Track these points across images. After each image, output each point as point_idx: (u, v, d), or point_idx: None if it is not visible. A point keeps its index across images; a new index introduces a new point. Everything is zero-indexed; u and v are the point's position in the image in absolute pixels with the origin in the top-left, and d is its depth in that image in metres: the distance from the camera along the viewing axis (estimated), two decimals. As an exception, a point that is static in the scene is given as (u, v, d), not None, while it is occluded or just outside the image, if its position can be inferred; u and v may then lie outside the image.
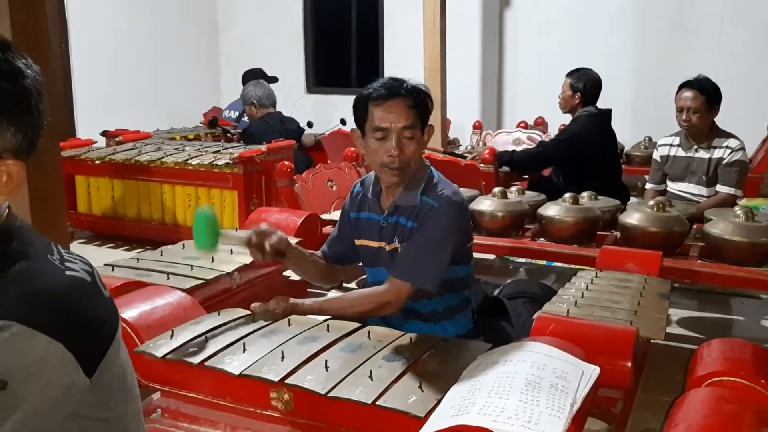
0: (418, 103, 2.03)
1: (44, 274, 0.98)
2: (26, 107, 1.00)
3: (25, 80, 0.99)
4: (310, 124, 5.71)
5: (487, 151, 4.29)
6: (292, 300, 2.11)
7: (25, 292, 0.94)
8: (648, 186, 4.08)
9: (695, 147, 3.76)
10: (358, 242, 2.25)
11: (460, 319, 2.21)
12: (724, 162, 3.66)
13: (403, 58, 6.60)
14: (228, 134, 5.87)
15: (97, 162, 4.66)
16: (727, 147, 3.67)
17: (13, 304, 0.92)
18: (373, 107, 2.02)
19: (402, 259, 2.08)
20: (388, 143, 2.01)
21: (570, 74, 4.15)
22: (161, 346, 1.86)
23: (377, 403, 1.56)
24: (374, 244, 2.20)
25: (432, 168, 2.19)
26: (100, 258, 2.79)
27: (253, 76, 5.92)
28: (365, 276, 2.38)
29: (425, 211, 2.06)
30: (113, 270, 2.50)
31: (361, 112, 2.07)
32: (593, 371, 1.59)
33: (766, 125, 5.23)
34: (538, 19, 6.38)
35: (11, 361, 0.90)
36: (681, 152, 3.82)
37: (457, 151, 5.13)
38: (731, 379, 1.56)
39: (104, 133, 5.40)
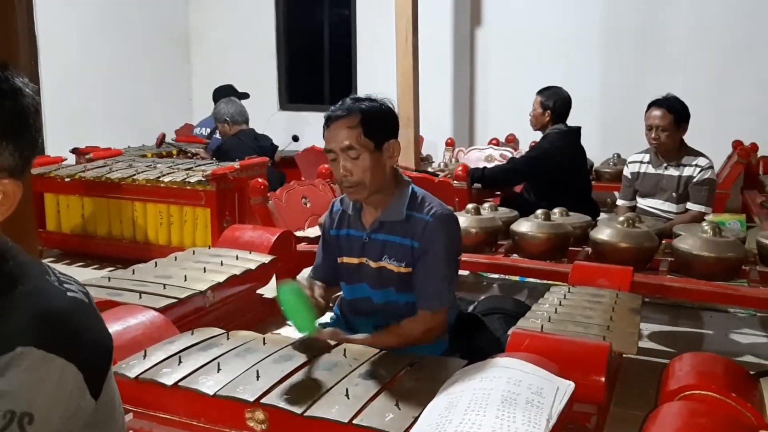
0: (365, 121, 2.02)
1: (49, 295, 0.97)
2: (25, 126, 0.99)
3: (24, 99, 0.99)
4: (295, 138, 5.72)
5: (460, 168, 4.32)
6: (342, 334, 2.10)
7: (33, 314, 0.92)
8: (619, 202, 4.14)
9: (665, 164, 3.82)
10: (339, 259, 2.25)
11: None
12: (695, 180, 3.73)
13: (375, 75, 6.64)
14: (188, 153, 5.80)
15: (66, 179, 4.60)
16: (696, 165, 3.74)
17: (24, 327, 0.90)
18: (325, 130, 2.08)
19: (423, 289, 2.10)
20: (337, 164, 2.05)
21: (540, 92, 4.21)
22: (134, 367, 1.83)
23: (354, 421, 1.55)
24: (355, 260, 2.20)
25: (413, 184, 2.20)
26: (71, 277, 2.74)
27: (223, 92, 5.89)
28: (339, 293, 2.37)
29: (421, 228, 2.07)
30: (84, 289, 2.46)
31: (323, 135, 2.11)
32: (568, 386, 1.61)
33: (731, 142, 5.36)
34: (509, 38, 6.46)
35: (34, 390, 0.87)
36: (651, 169, 3.89)
37: (429, 169, 5.16)
38: (703, 392, 1.58)
39: (74, 150, 5.33)
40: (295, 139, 5.69)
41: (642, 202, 3.98)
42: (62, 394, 0.90)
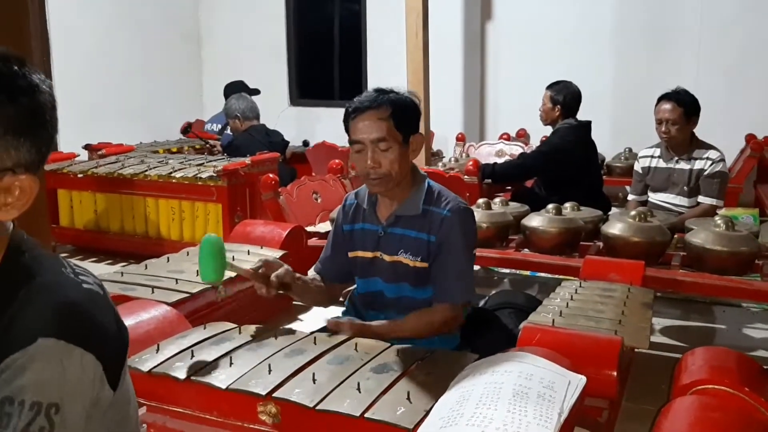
0: (396, 114, 2.03)
1: (66, 287, 0.98)
2: (42, 122, 0.99)
3: (42, 95, 0.99)
4: (306, 144, 5.77)
5: (470, 163, 4.31)
6: (362, 322, 2.11)
7: (52, 305, 0.93)
8: (630, 197, 4.12)
9: (676, 158, 3.80)
10: (351, 254, 2.24)
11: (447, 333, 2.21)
12: (706, 173, 3.71)
13: (386, 70, 6.63)
14: (207, 145, 5.85)
15: (79, 175, 4.63)
16: (707, 158, 3.72)
17: (44, 318, 0.91)
18: (351, 121, 2.06)
19: (441, 282, 2.10)
20: (364, 155, 2.03)
21: (550, 87, 4.20)
22: (147, 361, 1.84)
23: (365, 415, 1.56)
24: (369, 254, 2.20)
25: (429, 179, 2.20)
26: (84, 272, 2.76)
27: (234, 88, 5.91)
28: (352, 287, 2.38)
29: (438, 223, 2.08)
30: (97, 284, 2.48)
31: (345, 125, 2.10)
32: (579, 381, 1.60)
33: (744, 136, 5.32)
34: (520, 32, 6.44)
35: (59, 380, 0.89)
36: (662, 163, 3.87)
37: (440, 164, 5.15)
38: (716, 387, 1.57)
39: (87, 147, 5.36)
40: (306, 144, 5.76)
41: (653, 197, 3.96)
42: (85, 384, 0.92)
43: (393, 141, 2.03)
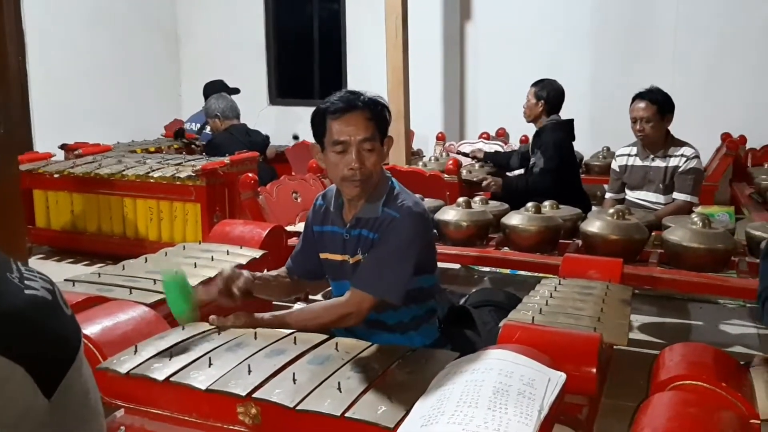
0: (376, 115, 2.03)
1: (4, 293, 0.95)
2: None
3: None
4: (296, 137, 5.74)
5: (450, 162, 4.32)
6: (251, 315, 2.10)
7: None
8: (607, 195, 4.16)
9: (651, 156, 3.85)
10: (322, 255, 2.24)
11: (426, 328, 2.22)
12: (680, 170, 3.75)
13: (366, 70, 6.63)
14: (193, 145, 5.82)
15: (56, 176, 4.57)
16: (682, 155, 3.77)
17: None
18: (331, 121, 2.02)
19: (363, 270, 2.07)
20: (348, 156, 2.01)
21: (534, 84, 4.25)
22: (125, 362, 1.82)
23: (346, 414, 1.55)
24: (338, 257, 2.19)
25: (393, 179, 2.20)
26: (60, 273, 2.73)
27: (213, 88, 5.87)
28: (330, 287, 2.37)
29: (387, 223, 2.07)
30: (74, 285, 2.45)
31: (319, 126, 2.06)
32: (559, 378, 1.61)
33: (720, 134, 5.38)
34: (498, 32, 6.46)
35: None
36: (638, 162, 3.91)
37: (420, 163, 5.15)
38: (693, 382, 1.59)
39: (63, 147, 5.29)
40: (296, 138, 5.72)
41: (630, 195, 3.99)
42: (9, 395, 0.90)
43: (376, 142, 2.03)
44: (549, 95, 4.14)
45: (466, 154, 4.93)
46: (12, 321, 0.92)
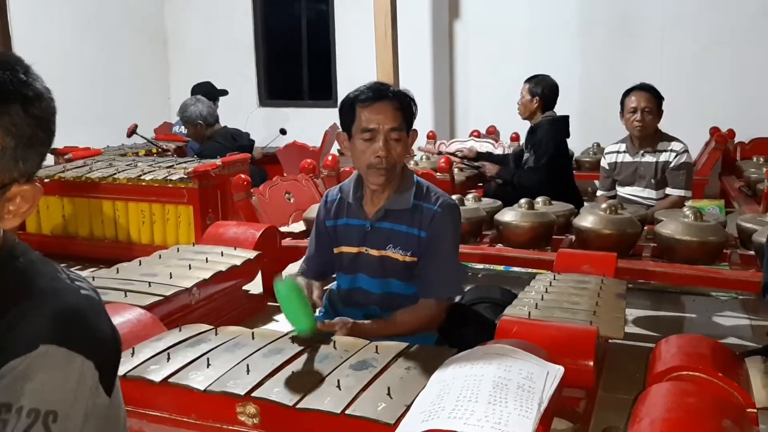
0: (405, 106, 2.06)
1: (65, 293, 0.95)
2: (49, 131, 0.96)
3: (48, 102, 0.96)
4: (283, 132, 5.71)
5: (443, 161, 4.32)
6: (352, 321, 2.10)
7: (52, 311, 0.91)
8: (599, 193, 4.16)
9: (641, 152, 3.85)
10: (336, 250, 2.23)
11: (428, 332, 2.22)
12: (671, 166, 3.77)
13: (355, 70, 6.63)
14: (161, 149, 5.74)
15: (46, 180, 4.53)
16: (671, 150, 3.78)
17: (45, 325, 0.89)
18: (360, 109, 2.04)
19: (430, 278, 2.11)
20: (375, 144, 2.03)
21: (528, 80, 4.23)
22: (122, 365, 1.79)
23: (346, 412, 1.55)
24: (354, 249, 2.19)
25: (416, 174, 2.21)
26: (54, 278, 2.70)
27: (202, 90, 5.81)
28: (327, 286, 2.37)
29: (429, 219, 2.09)
30: (68, 289, 2.44)
31: (347, 114, 2.08)
32: (558, 371, 1.62)
33: (709, 129, 5.42)
34: (487, 30, 6.48)
35: (58, 388, 0.87)
36: (628, 158, 3.92)
37: (411, 161, 5.15)
38: (690, 373, 1.60)
39: (53, 151, 5.25)
40: (283, 132, 5.69)
41: (622, 191, 4.01)
42: (83, 392, 0.90)
43: (403, 132, 2.05)
44: (544, 91, 4.14)
45: (452, 154, 4.94)
46: (79, 318, 0.93)
